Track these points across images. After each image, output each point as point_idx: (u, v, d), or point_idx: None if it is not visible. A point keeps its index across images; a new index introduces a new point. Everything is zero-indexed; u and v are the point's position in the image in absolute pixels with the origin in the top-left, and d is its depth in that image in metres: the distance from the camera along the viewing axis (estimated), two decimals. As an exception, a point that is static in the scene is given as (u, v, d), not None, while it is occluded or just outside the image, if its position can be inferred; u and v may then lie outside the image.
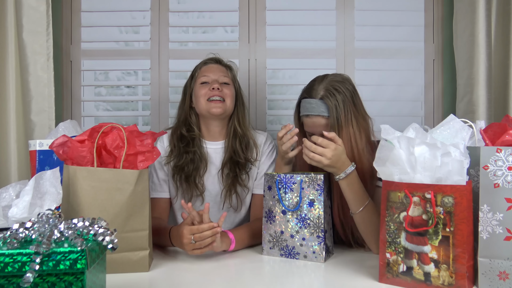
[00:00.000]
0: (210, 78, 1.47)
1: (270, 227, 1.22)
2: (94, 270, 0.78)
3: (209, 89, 1.44)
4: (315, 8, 1.89)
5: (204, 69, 1.50)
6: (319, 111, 1.26)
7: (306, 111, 1.29)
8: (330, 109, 1.24)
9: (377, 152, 1.01)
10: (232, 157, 1.45)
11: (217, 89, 1.43)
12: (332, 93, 1.25)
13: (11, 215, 1.12)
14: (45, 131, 1.71)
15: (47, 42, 1.73)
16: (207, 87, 1.45)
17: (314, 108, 1.26)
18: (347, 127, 1.25)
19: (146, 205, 1.07)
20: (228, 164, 1.45)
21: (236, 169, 1.45)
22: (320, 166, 1.19)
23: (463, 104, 1.75)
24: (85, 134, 1.06)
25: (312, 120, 1.28)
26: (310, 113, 1.28)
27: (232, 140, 1.48)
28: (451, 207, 0.89)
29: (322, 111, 1.26)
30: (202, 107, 1.45)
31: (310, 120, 1.29)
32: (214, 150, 1.49)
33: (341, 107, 1.24)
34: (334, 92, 1.25)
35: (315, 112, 1.27)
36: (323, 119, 1.26)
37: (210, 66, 1.51)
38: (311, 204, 1.17)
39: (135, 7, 1.91)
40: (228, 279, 1.04)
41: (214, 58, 1.54)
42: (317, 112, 1.26)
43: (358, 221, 1.22)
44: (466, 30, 1.72)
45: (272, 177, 1.23)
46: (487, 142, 0.97)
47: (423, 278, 0.93)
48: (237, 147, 1.46)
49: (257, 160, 1.49)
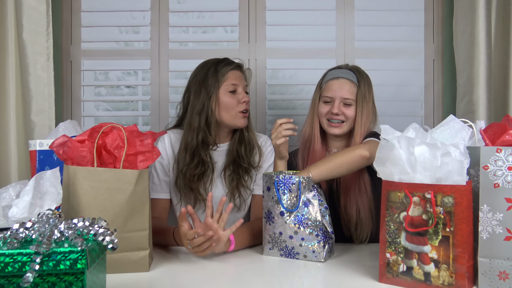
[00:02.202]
0: (238, 87, 1.42)
1: (269, 228, 1.22)
2: (94, 270, 0.78)
3: (240, 101, 1.40)
4: (315, 8, 1.90)
5: (232, 76, 1.42)
6: (349, 76, 1.36)
7: (335, 75, 1.38)
8: (358, 79, 1.36)
9: (377, 152, 1.01)
10: (236, 160, 1.44)
11: (246, 103, 1.41)
12: (360, 72, 1.40)
13: (11, 215, 1.12)
14: (45, 131, 1.71)
15: (47, 42, 1.73)
16: (236, 97, 1.40)
17: (343, 73, 1.37)
18: (368, 102, 1.37)
19: (146, 205, 1.07)
20: (230, 166, 1.44)
21: (239, 171, 1.43)
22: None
23: (463, 104, 1.75)
24: (85, 134, 1.06)
25: (339, 82, 1.36)
26: (340, 75, 1.37)
27: (237, 144, 1.45)
28: (451, 207, 0.89)
29: (351, 76, 1.36)
30: (230, 118, 1.41)
31: (337, 81, 1.36)
32: (218, 153, 1.47)
33: (366, 83, 1.38)
34: (362, 72, 1.40)
35: (345, 76, 1.36)
36: (351, 84, 1.35)
37: (236, 73, 1.44)
38: (309, 204, 1.17)
39: (135, 7, 1.91)
40: (228, 279, 1.05)
41: (238, 64, 1.47)
42: (347, 76, 1.36)
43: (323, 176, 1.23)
44: (466, 30, 1.72)
45: (270, 177, 1.23)
46: (487, 142, 0.97)
47: (423, 278, 0.93)
48: (242, 151, 1.44)
49: (259, 166, 1.47)
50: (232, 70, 1.43)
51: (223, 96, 1.40)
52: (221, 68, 1.42)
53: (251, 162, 1.45)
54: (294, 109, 1.94)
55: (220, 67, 1.42)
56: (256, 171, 1.48)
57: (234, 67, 1.44)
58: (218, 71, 1.41)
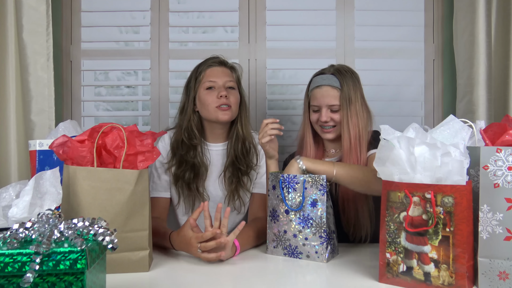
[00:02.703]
0: (216, 83, 1.42)
1: (274, 226, 1.23)
2: (94, 270, 0.78)
3: (217, 96, 1.40)
4: (315, 8, 1.90)
5: (209, 73, 1.44)
6: (331, 82, 1.36)
7: (318, 83, 1.38)
8: (341, 83, 1.35)
9: (377, 152, 1.01)
10: (234, 162, 1.44)
11: (224, 97, 1.40)
12: (343, 73, 1.38)
13: (11, 215, 1.11)
14: (45, 131, 1.71)
15: (47, 42, 1.73)
16: (214, 93, 1.41)
17: (325, 80, 1.37)
18: (355, 103, 1.35)
19: (146, 205, 1.07)
20: (230, 168, 1.45)
21: (238, 174, 1.44)
22: None
23: (463, 104, 1.75)
24: (85, 134, 1.06)
25: (322, 90, 1.36)
26: (322, 83, 1.36)
27: (234, 143, 1.46)
28: (451, 207, 0.89)
29: (333, 82, 1.36)
30: (209, 114, 1.42)
31: (320, 90, 1.36)
32: (216, 152, 1.48)
33: (351, 84, 1.36)
34: (345, 73, 1.38)
35: (327, 83, 1.36)
36: (334, 90, 1.35)
37: (215, 69, 1.45)
38: (314, 204, 1.17)
39: (135, 7, 1.91)
40: (231, 278, 1.04)
41: (218, 60, 1.48)
42: (329, 83, 1.35)
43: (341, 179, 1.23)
44: (466, 30, 1.72)
45: (276, 176, 1.23)
46: (487, 142, 0.97)
47: (423, 278, 0.93)
48: (239, 151, 1.45)
49: (257, 165, 1.48)
50: (210, 67, 1.45)
51: (201, 93, 1.43)
52: (200, 67, 1.46)
53: (249, 164, 1.46)
54: (294, 109, 1.94)
55: (200, 67, 1.46)
56: (255, 170, 1.48)
57: (213, 64, 1.46)
58: (197, 71, 1.46)
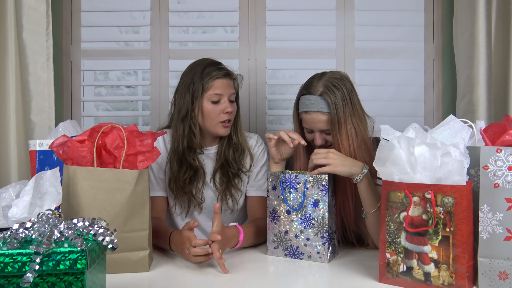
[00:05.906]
0: (223, 97, 1.38)
1: (274, 227, 1.22)
2: (94, 270, 0.78)
3: (222, 112, 1.37)
4: (315, 8, 1.90)
5: (216, 85, 1.37)
6: (319, 107, 1.26)
7: (306, 108, 1.29)
8: (329, 105, 1.25)
9: (377, 152, 1.01)
10: (224, 165, 1.43)
11: (229, 113, 1.38)
12: (331, 90, 1.26)
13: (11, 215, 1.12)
14: (45, 131, 1.71)
15: (47, 42, 1.73)
16: (219, 108, 1.37)
17: (314, 105, 1.27)
18: (345, 124, 1.26)
19: (146, 205, 1.07)
20: (220, 170, 1.44)
21: (229, 175, 1.43)
22: (331, 169, 1.19)
23: (463, 104, 1.75)
24: (85, 134, 1.06)
25: (311, 116, 1.28)
26: (310, 109, 1.28)
27: (225, 148, 1.44)
28: (451, 207, 0.89)
29: (321, 107, 1.26)
30: (210, 127, 1.39)
31: (309, 116, 1.29)
32: (207, 156, 1.46)
33: (340, 104, 1.25)
34: (333, 89, 1.26)
35: (315, 108, 1.27)
36: (323, 115, 1.27)
37: (221, 81, 1.38)
38: (316, 204, 1.17)
39: (135, 7, 1.91)
40: (231, 279, 1.04)
41: (224, 72, 1.41)
42: (317, 108, 1.27)
43: (371, 221, 1.23)
44: (466, 30, 1.72)
45: (276, 176, 1.23)
46: (487, 142, 0.97)
47: (423, 278, 0.93)
48: (230, 156, 1.43)
49: (250, 170, 1.46)
50: (218, 79, 1.38)
51: (206, 104, 1.38)
52: (207, 75, 1.38)
53: (240, 167, 1.45)
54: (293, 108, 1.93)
55: (206, 74, 1.38)
56: (247, 175, 1.48)
57: (221, 76, 1.39)
58: (203, 78, 1.38)
